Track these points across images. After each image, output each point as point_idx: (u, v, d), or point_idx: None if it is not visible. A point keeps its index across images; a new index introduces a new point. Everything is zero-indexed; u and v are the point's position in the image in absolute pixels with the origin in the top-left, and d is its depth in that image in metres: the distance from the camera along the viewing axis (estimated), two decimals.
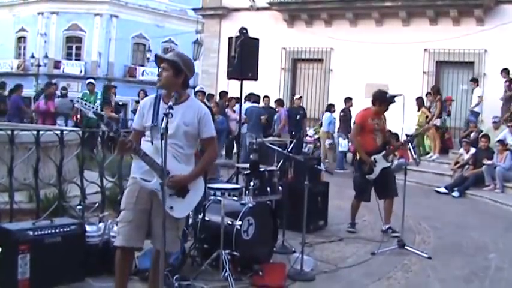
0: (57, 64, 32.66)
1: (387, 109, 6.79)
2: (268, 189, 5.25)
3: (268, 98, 14.78)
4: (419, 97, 13.65)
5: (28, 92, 20.46)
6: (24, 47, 34.45)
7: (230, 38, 7.33)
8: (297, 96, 14.80)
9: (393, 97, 6.69)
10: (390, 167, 7.00)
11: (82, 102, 3.49)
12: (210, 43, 18.58)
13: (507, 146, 10.94)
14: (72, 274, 4.28)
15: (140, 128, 3.69)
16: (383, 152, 6.66)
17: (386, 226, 6.74)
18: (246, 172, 5.31)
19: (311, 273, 5.02)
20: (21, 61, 33.84)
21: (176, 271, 4.41)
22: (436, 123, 12.75)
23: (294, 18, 17.24)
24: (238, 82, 7.46)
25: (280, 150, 5.99)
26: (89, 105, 3.48)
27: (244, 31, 7.15)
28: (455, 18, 14.74)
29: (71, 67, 32.74)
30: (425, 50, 15.08)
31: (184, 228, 4.30)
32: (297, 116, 13.36)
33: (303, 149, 14.21)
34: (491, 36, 14.15)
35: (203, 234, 4.95)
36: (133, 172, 3.68)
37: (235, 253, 4.73)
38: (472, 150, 11.48)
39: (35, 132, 5.31)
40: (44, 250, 4.11)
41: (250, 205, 4.96)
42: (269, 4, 17.15)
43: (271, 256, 5.24)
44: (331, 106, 14.19)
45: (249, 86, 8.96)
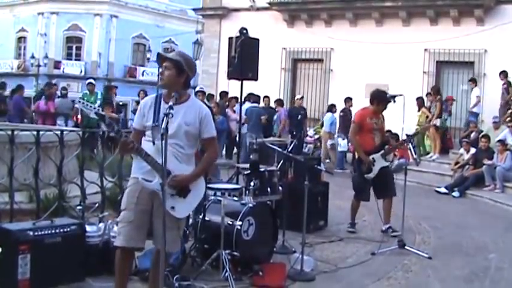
0: (57, 64, 32.66)
1: (385, 108, 6.79)
2: (268, 189, 5.26)
3: (268, 98, 14.77)
4: (419, 97, 13.63)
5: (28, 92, 20.41)
6: (24, 47, 34.45)
7: (230, 38, 7.33)
8: (299, 96, 14.73)
9: (393, 97, 6.69)
10: (389, 167, 7.01)
11: (84, 102, 3.46)
12: (210, 43, 18.58)
13: (507, 146, 10.94)
14: (72, 274, 4.28)
15: (140, 128, 3.67)
16: (381, 152, 6.67)
17: (386, 226, 6.74)
18: (246, 172, 5.32)
19: (311, 273, 5.02)
20: (21, 61, 33.84)
21: (176, 271, 4.41)
22: (436, 123, 12.75)
23: (294, 18, 17.23)
24: (238, 82, 7.46)
25: (280, 150, 5.99)
26: (91, 105, 3.46)
27: (244, 31, 7.15)
28: (455, 18, 14.73)
29: (71, 67, 32.73)
30: (425, 50, 15.07)
31: (184, 228, 4.30)
32: (298, 116, 13.32)
33: (303, 149, 14.19)
34: (491, 36, 14.14)
35: (203, 234, 4.95)
36: (134, 172, 3.67)
37: (235, 253, 4.74)
38: (472, 150, 11.48)
39: (35, 132, 5.31)
40: (44, 250, 4.11)
41: (250, 205, 4.96)
42: (269, 4, 17.14)
43: (271, 256, 5.24)
44: (332, 106, 14.14)
45: (249, 86, 8.96)
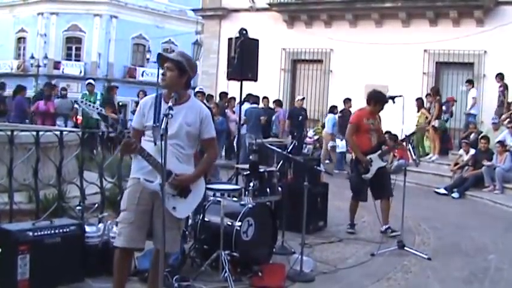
0: (56, 65, 32.69)
1: (382, 109, 6.81)
2: (267, 190, 5.26)
3: (267, 99, 14.77)
4: (419, 98, 13.62)
5: (28, 93, 20.42)
6: (24, 48, 34.47)
7: (230, 39, 7.34)
8: (300, 97, 14.66)
9: (393, 98, 6.70)
10: (386, 167, 7.02)
11: (87, 103, 3.45)
12: (210, 44, 18.58)
13: (507, 147, 10.95)
14: (71, 275, 4.28)
15: (140, 127, 3.66)
16: (378, 152, 6.69)
17: (385, 227, 6.74)
18: (246, 173, 5.32)
19: (311, 274, 5.02)
20: (21, 62, 33.86)
21: (176, 272, 4.41)
22: (434, 124, 12.75)
23: (294, 19, 17.24)
24: (238, 83, 7.47)
25: (279, 151, 5.99)
26: (94, 106, 3.46)
27: (244, 32, 7.16)
28: (455, 19, 14.74)
29: (71, 68, 32.76)
30: (425, 51, 15.08)
31: (183, 229, 4.30)
32: (299, 117, 13.35)
33: (303, 150, 14.20)
34: (491, 37, 14.15)
35: (203, 235, 4.95)
36: (133, 172, 3.66)
37: (234, 254, 4.73)
38: (472, 151, 11.48)
39: (35, 132, 5.31)
40: (44, 251, 4.11)
41: (250, 206, 4.96)
42: (269, 5, 17.15)
43: (270, 257, 5.23)
44: (334, 108, 14.13)
45: (249, 87, 8.97)
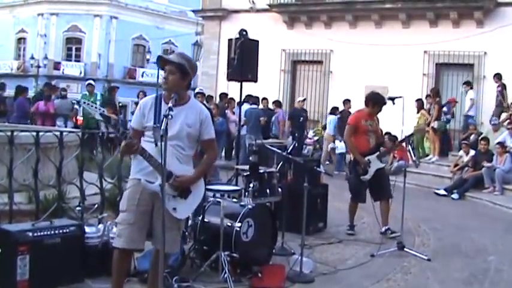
0: (57, 65, 32.69)
1: (380, 110, 6.81)
2: (267, 191, 5.26)
3: (266, 100, 14.76)
4: (418, 99, 13.63)
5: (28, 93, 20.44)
6: (24, 48, 34.48)
7: (230, 40, 7.35)
8: (301, 98, 14.63)
9: (393, 99, 6.70)
10: (384, 168, 7.01)
11: (89, 103, 3.45)
12: (210, 45, 18.59)
13: (507, 149, 10.94)
14: (71, 275, 4.28)
15: (140, 128, 3.65)
16: (377, 153, 6.69)
17: (384, 228, 6.74)
18: (246, 174, 5.32)
19: (310, 275, 5.02)
20: (21, 62, 33.86)
21: (175, 272, 4.41)
22: (434, 125, 12.74)
23: (294, 20, 17.25)
24: (238, 84, 7.47)
25: (279, 152, 5.99)
26: (96, 106, 3.46)
27: (244, 33, 7.17)
28: (455, 20, 14.75)
29: (71, 68, 32.76)
30: (425, 52, 15.09)
31: (183, 229, 4.30)
32: (300, 118, 13.34)
33: (303, 151, 14.20)
34: (491, 38, 14.16)
35: (202, 235, 4.94)
36: (133, 173, 3.66)
37: (234, 255, 4.73)
38: (472, 152, 11.48)
39: (35, 133, 5.31)
40: (43, 251, 4.11)
41: (249, 207, 4.95)
42: (269, 6, 17.16)
43: (270, 258, 5.23)
44: (335, 109, 14.11)
45: (249, 88, 8.97)
